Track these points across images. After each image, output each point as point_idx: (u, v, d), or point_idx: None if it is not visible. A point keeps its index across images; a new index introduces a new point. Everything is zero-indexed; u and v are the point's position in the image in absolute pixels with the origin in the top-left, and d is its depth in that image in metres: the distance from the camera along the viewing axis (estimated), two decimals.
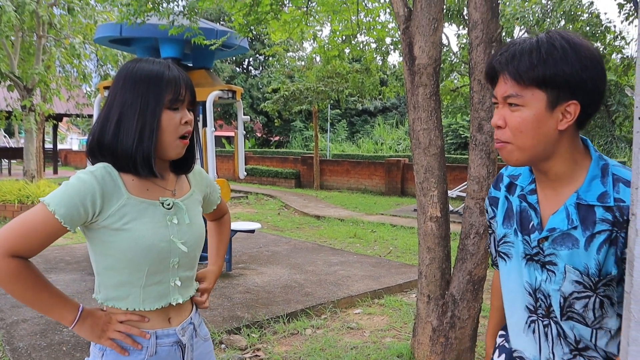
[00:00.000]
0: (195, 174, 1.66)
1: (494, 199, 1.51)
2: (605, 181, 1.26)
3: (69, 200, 1.31)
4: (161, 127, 1.40)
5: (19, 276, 1.29)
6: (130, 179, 1.42)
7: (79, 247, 7.63)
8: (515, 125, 1.24)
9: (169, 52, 5.86)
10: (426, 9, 3.28)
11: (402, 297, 5.54)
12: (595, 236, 1.24)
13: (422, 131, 3.36)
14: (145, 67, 1.42)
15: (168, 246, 1.43)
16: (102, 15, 10.93)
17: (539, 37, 1.23)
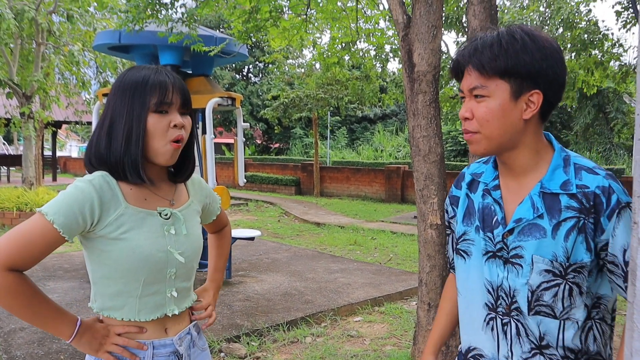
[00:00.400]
0: (195, 183, 1.63)
1: (454, 198, 1.53)
2: (568, 170, 1.29)
3: (67, 209, 1.29)
4: (148, 131, 1.37)
5: (16, 291, 1.26)
6: (128, 188, 1.41)
7: (78, 254, 7.60)
8: (481, 116, 1.27)
9: (168, 59, 5.85)
10: (425, 16, 3.28)
11: (403, 305, 5.51)
12: (562, 224, 1.26)
13: (422, 138, 3.34)
14: (133, 74, 1.41)
15: (165, 256, 1.42)
16: (101, 23, 10.95)
17: (500, 31, 1.27)
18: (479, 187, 1.43)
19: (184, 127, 1.42)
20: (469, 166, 1.54)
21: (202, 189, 1.66)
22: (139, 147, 1.37)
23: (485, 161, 1.48)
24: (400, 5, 3.44)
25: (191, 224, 1.52)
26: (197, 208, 1.60)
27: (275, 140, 32.97)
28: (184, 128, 1.42)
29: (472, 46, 1.28)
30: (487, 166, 1.45)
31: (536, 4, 12.10)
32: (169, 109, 1.40)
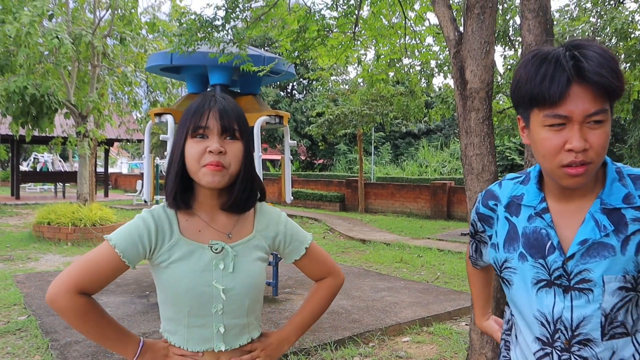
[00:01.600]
0: (267, 216, 1.55)
1: (483, 216, 1.44)
2: (625, 183, 1.23)
3: (128, 237, 1.38)
4: (185, 156, 1.39)
5: (86, 313, 1.34)
6: (184, 219, 1.45)
7: (129, 270, 7.77)
8: (602, 144, 1.14)
9: (218, 79, 5.98)
10: (477, 32, 3.23)
11: (452, 325, 5.39)
12: (630, 238, 1.19)
13: (475, 156, 3.28)
14: (189, 104, 1.46)
15: (210, 291, 1.40)
16: (152, 45, 11.32)
17: (594, 45, 1.13)
18: (523, 211, 1.33)
19: (225, 153, 1.38)
20: (499, 184, 1.42)
21: (274, 224, 1.55)
22: (177, 173, 1.40)
23: (522, 181, 1.37)
24: (451, 21, 3.40)
25: (245, 260, 1.46)
26: (260, 244, 1.51)
27: (319, 156, 33.13)
28: (225, 154, 1.37)
29: (589, 61, 1.10)
30: (526, 187, 1.34)
31: (587, 15, 11.80)
32: (207, 134, 1.38)
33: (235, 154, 1.39)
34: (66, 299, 1.31)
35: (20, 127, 10.46)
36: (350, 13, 5.11)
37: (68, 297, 1.31)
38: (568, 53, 1.14)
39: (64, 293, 1.31)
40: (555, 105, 1.13)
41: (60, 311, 1.33)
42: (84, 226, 10.31)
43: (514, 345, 1.43)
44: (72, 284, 1.32)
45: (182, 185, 1.41)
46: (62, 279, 1.33)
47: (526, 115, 1.22)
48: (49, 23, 9.68)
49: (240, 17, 4.79)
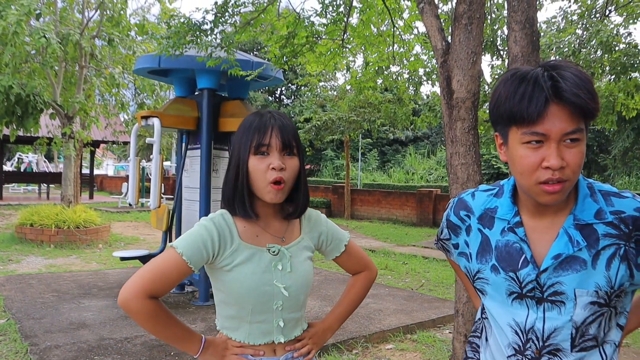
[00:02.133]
0: (311, 220, 1.71)
1: (452, 225, 1.47)
2: (596, 198, 1.26)
3: (193, 244, 1.48)
4: (250, 172, 1.51)
5: (156, 315, 1.45)
6: (242, 225, 1.56)
7: (113, 273, 7.71)
8: (578, 163, 1.17)
9: (205, 83, 5.96)
10: (465, 42, 3.26)
11: (436, 333, 5.40)
12: (601, 253, 1.22)
13: (460, 166, 3.30)
14: (247, 118, 1.57)
15: (271, 290, 1.54)
16: (140, 47, 11.25)
17: (569, 66, 1.16)
18: (496, 224, 1.35)
19: (285, 169, 1.50)
20: (472, 195, 1.43)
21: (317, 225, 1.72)
22: (244, 187, 1.52)
23: (495, 193, 1.39)
24: (439, 31, 3.43)
25: (298, 260, 1.61)
26: (308, 244, 1.67)
27: (306, 161, 33.14)
28: (285, 170, 1.50)
29: (566, 82, 1.13)
30: (500, 200, 1.36)
31: (573, 27, 11.95)
32: (269, 151, 1.50)
33: (293, 170, 1.53)
34: (137, 302, 1.42)
35: (5, 127, 10.31)
36: (339, 20, 5.14)
37: (139, 301, 1.42)
38: (546, 73, 1.17)
39: (135, 297, 1.42)
40: (534, 124, 1.16)
41: (132, 313, 1.43)
42: (68, 228, 10.20)
43: (484, 348, 1.45)
44: (142, 288, 1.42)
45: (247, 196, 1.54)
46: (132, 284, 1.43)
47: (504, 132, 1.24)
48: (37, 22, 9.59)
49: (229, 21, 4.79)
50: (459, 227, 1.45)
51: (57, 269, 8.16)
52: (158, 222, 6.29)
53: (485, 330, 1.46)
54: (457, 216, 1.46)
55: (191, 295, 6.39)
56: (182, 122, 5.97)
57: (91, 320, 5.22)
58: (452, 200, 1.51)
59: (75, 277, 7.34)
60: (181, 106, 6.06)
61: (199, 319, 5.40)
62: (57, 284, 6.79)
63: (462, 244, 1.46)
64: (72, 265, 8.50)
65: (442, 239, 1.56)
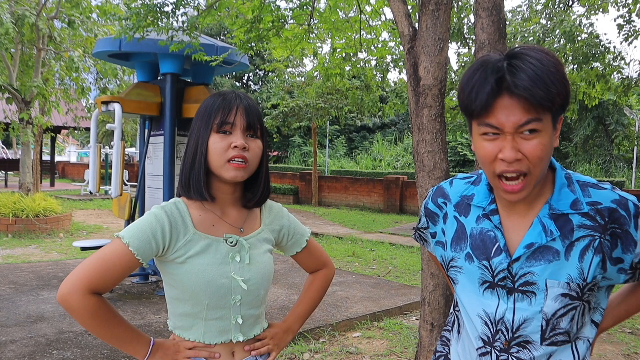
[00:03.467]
0: (272, 211, 1.63)
1: (430, 212, 1.45)
2: (573, 188, 1.23)
3: (141, 234, 1.37)
4: (208, 150, 1.42)
5: (98, 313, 1.33)
6: (197, 214, 1.47)
7: (73, 263, 7.50)
8: (537, 154, 1.13)
9: (169, 68, 5.79)
10: (432, 28, 3.22)
11: (402, 320, 5.42)
12: (575, 244, 1.20)
13: (427, 154, 3.27)
14: (208, 99, 1.48)
15: (228, 283, 1.44)
16: (103, 29, 10.89)
17: (534, 54, 1.12)
18: (472, 211, 1.33)
19: (248, 149, 1.43)
20: (450, 182, 1.42)
21: (279, 218, 1.64)
22: (201, 166, 1.42)
23: (473, 181, 1.37)
24: (406, 17, 3.38)
25: (258, 252, 1.52)
26: (268, 237, 1.59)
27: (274, 148, 32.94)
28: (247, 150, 1.43)
29: (516, 72, 1.10)
30: (477, 187, 1.34)
31: (537, 17, 12.09)
32: (232, 130, 1.43)
33: (256, 152, 1.45)
34: (78, 298, 1.30)
35: None
36: (306, 5, 5.04)
37: (80, 296, 1.30)
38: (503, 63, 1.13)
39: (75, 292, 1.30)
40: (485, 116, 1.14)
41: (72, 310, 1.32)
42: (26, 217, 9.87)
43: (455, 341, 1.44)
44: (84, 283, 1.31)
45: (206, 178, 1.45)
46: (73, 278, 1.32)
47: (469, 122, 1.23)
48: None
49: (192, 4, 4.64)
50: (436, 214, 1.43)
51: (15, 259, 7.90)
52: (120, 210, 6.12)
53: (457, 322, 1.44)
54: (434, 204, 1.44)
55: (155, 285, 6.27)
56: (144, 107, 5.80)
57: (50, 313, 5.06)
58: (432, 188, 1.49)
59: (34, 267, 7.11)
60: (143, 91, 5.88)
61: (164, 309, 5.29)
62: (14, 276, 6.56)
63: (439, 232, 1.43)
64: (31, 256, 8.24)
65: (420, 227, 1.53)
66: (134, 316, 5.03)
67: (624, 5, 10.71)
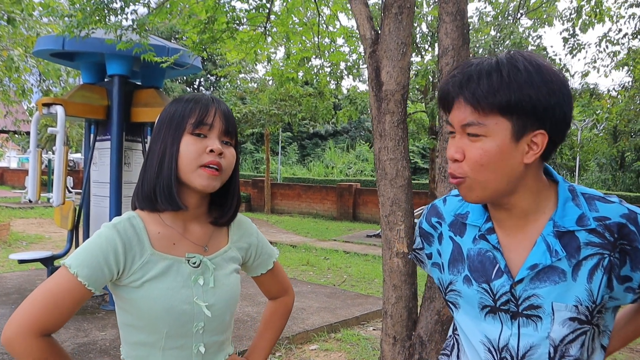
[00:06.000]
0: (241, 227, 1.47)
1: (424, 233, 1.35)
2: (579, 202, 1.14)
3: (91, 261, 1.20)
4: (180, 153, 1.25)
5: (46, 358, 1.16)
6: (156, 231, 1.29)
7: (9, 276, 7.04)
8: (475, 158, 1.07)
9: (116, 69, 5.51)
10: (395, 32, 3.12)
11: (360, 331, 5.31)
12: (582, 263, 1.10)
13: (389, 161, 3.16)
14: (174, 103, 1.32)
15: (191, 309, 1.27)
16: (45, 28, 10.37)
17: (499, 58, 1.08)
18: (468, 230, 1.24)
19: (224, 156, 1.28)
20: (444, 200, 1.33)
21: (247, 235, 1.48)
22: (171, 168, 1.25)
23: None
24: (367, 20, 3.28)
25: (223, 273, 1.35)
26: (235, 255, 1.42)
27: None
28: (223, 157, 1.27)
29: (465, 74, 1.08)
30: (471, 205, 1.25)
31: (488, 28, 12.34)
32: (208, 133, 1.27)
33: (230, 160, 1.31)
34: (24, 342, 1.14)
35: None
36: (262, 7, 4.88)
37: (27, 340, 1.14)
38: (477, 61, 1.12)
39: (21, 335, 1.14)
40: (448, 114, 1.14)
41: (18, 356, 1.15)
42: None
43: None
44: (30, 324, 1.14)
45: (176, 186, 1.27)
46: (18, 318, 1.15)
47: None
48: None
49: (142, 1, 4.40)
50: (431, 235, 1.33)
51: None
52: (62, 220, 5.77)
53: (457, 347, 1.32)
54: (429, 223, 1.34)
55: (101, 298, 5.93)
56: (89, 110, 5.49)
57: None
58: (426, 207, 1.38)
59: None
60: (89, 93, 5.56)
61: (109, 325, 4.98)
62: None
63: (434, 253, 1.33)
64: None
65: (415, 249, 1.42)
66: (77, 333, 4.71)
67: (568, 19, 11.07)
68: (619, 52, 12.33)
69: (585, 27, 10.53)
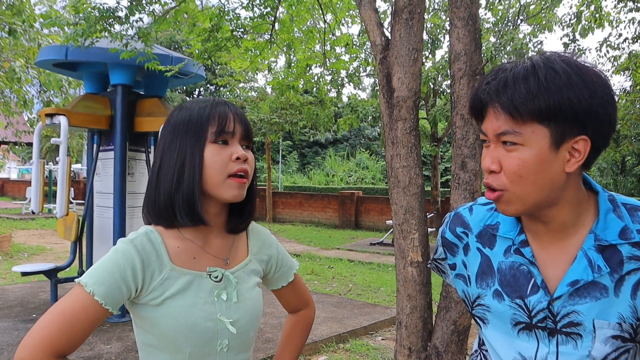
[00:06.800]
0: (260, 238, 1.40)
1: (448, 243, 1.27)
2: (620, 213, 1.07)
3: (108, 277, 1.13)
4: (205, 163, 1.18)
5: None
6: (175, 245, 1.22)
7: (12, 288, 6.96)
8: (513, 169, 1.01)
9: (119, 79, 5.46)
10: (405, 38, 3.08)
11: (369, 341, 5.24)
12: (625, 278, 1.03)
13: (402, 169, 3.11)
14: (186, 109, 1.23)
15: (214, 326, 1.21)
16: (46, 39, 10.35)
17: (534, 61, 1.02)
18: (498, 242, 1.17)
19: (247, 162, 1.22)
20: (470, 209, 1.26)
21: (268, 247, 1.41)
22: (195, 181, 1.17)
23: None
24: (378, 25, 3.23)
25: (246, 287, 1.29)
26: (256, 268, 1.36)
27: None
28: (247, 162, 1.22)
29: (499, 80, 1.02)
30: (501, 215, 1.18)
31: (488, 35, 12.34)
32: (230, 140, 1.21)
33: (252, 164, 1.25)
34: None
35: None
36: (268, 14, 4.84)
37: None
38: (509, 66, 1.06)
39: (36, 359, 1.06)
40: (481, 122, 1.08)
41: None
42: None
43: None
44: (45, 347, 1.07)
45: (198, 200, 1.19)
46: (32, 341, 1.07)
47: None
48: None
49: (147, 9, 4.36)
50: (455, 245, 1.25)
51: None
52: (66, 231, 5.70)
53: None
54: (453, 233, 1.26)
55: None
56: (92, 120, 5.44)
57: None
58: (448, 215, 1.30)
59: None
60: (92, 103, 5.52)
61: (114, 338, 4.91)
62: None
63: (459, 264, 1.25)
64: None
65: (436, 258, 1.34)
66: (82, 347, 4.62)
67: (568, 25, 11.06)
68: (619, 57, 12.34)
69: (585, 32, 10.51)
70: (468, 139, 2.96)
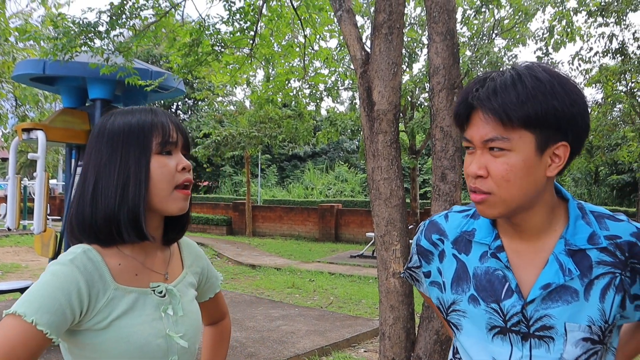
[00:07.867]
0: (192, 251, 1.38)
1: (423, 250, 1.30)
2: (588, 220, 1.12)
3: (52, 304, 1.01)
4: (151, 176, 1.13)
5: None
6: (116, 263, 1.15)
7: None
8: (500, 174, 1.05)
9: (98, 93, 5.44)
10: (385, 52, 3.14)
11: (351, 353, 5.24)
12: (594, 282, 1.08)
13: (383, 181, 3.15)
14: (121, 118, 1.17)
15: (165, 343, 1.17)
16: (22, 53, 10.24)
17: (519, 70, 1.06)
18: (474, 248, 1.20)
19: (190, 171, 1.20)
20: (445, 217, 1.28)
21: (199, 259, 1.39)
22: (141, 196, 1.12)
23: (472, 214, 1.25)
24: (357, 40, 3.29)
25: (187, 299, 1.26)
26: (192, 280, 1.33)
27: (204, 178, 32.22)
28: (189, 172, 1.20)
29: (488, 87, 1.04)
30: (477, 222, 1.22)
31: (463, 49, 12.56)
32: (174, 150, 1.18)
33: (191, 173, 1.22)
34: None
35: None
36: (248, 29, 4.88)
37: None
38: (493, 75, 1.09)
39: None
40: (465, 129, 1.11)
41: None
42: None
43: None
44: None
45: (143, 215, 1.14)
46: None
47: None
48: None
49: (128, 24, 4.36)
50: (430, 252, 1.27)
51: None
52: (43, 248, 5.62)
53: None
54: (428, 241, 1.28)
55: None
56: (71, 135, 5.39)
57: None
58: (423, 223, 1.33)
59: None
60: (70, 118, 5.48)
61: None
62: None
63: (434, 271, 1.27)
64: None
65: (411, 267, 1.36)
66: None
67: (541, 39, 11.32)
68: (590, 70, 12.66)
69: (558, 46, 10.77)
70: (448, 150, 3.02)
